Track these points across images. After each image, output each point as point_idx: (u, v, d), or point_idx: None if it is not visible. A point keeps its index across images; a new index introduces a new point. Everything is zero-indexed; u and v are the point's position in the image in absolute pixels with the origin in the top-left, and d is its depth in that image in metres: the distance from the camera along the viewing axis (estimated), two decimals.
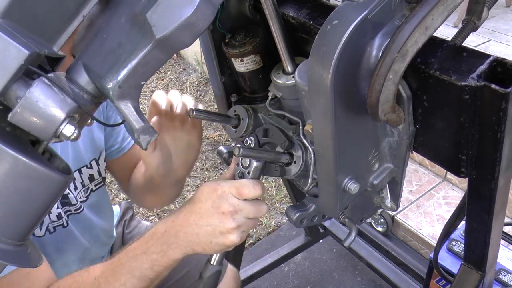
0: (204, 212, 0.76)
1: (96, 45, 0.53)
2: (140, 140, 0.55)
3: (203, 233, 0.76)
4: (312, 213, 0.80)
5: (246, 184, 0.75)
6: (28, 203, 0.51)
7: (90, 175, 1.10)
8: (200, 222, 0.76)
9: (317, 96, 0.57)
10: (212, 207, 0.75)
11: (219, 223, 0.75)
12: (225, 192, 0.75)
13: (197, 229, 0.76)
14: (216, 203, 0.75)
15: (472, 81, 0.53)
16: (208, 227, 0.75)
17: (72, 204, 1.07)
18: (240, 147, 0.71)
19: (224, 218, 0.74)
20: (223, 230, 0.75)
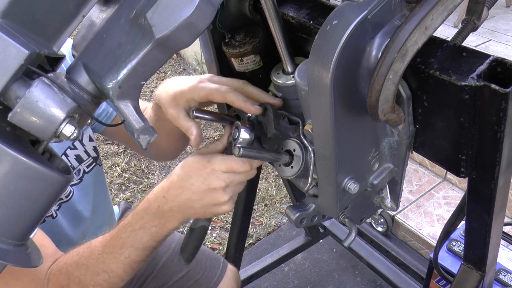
0: (196, 188, 0.78)
1: (96, 45, 0.53)
2: (140, 140, 0.55)
3: (197, 206, 0.79)
4: (312, 213, 0.80)
5: (235, 160, 0.77)
6: (28, 203, 0.51)
7: (76, 155, 1.09)
8: (193, 197, 0.79)
9: (317, 96, 0.57)
10: (203, 183, 0.77)
11: (211, 198, 0.78)
12: (214, 169, 0.77)
13: (191, 203, 0.79)
14: (207, 179, 0.77)
15: (472, 81, 0.53)
16: (201, 201, 0.79)
17: None
18: (240, 147, 0.71)
19: (216, 193, 0.77)
20: (216, 203, 0.79)
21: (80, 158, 1.11)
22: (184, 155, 2.89)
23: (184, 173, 0.79)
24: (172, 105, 0.84)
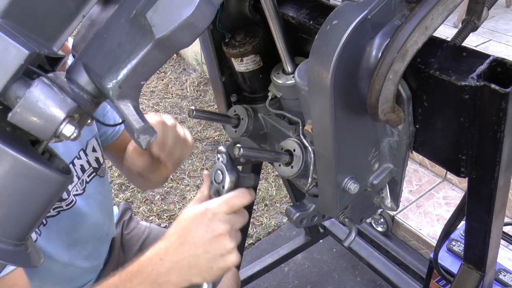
0: (199, 240, 0.70)
1: (96, 45, 0.53)
2: (140, 140, 0.55)
3: (202, 262, 0.71)
4: (312, 213, 0.80)
5: (234, 195, 0.73)
6: (28, 203, 0.51)
7: (81, 165, 1.10)
8: (197, 252, 0.70)
9: (317, 96, 0.57)
10: (206, 232, 0.70)
11: (218, 247, 0.70)
12: (215, 212, 0.71)
13: (195, 260, 0.71)
14: (210, 226, 0.70)
15: (472, 81, 0.53)
16: (207, 255, 0.71)
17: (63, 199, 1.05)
18: (240, 147, 0.71)
19: (223, 239, 0.70)
20: (223, 252, 0.71)
21: (83, 168, 1.11)
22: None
23: (182, 229, 0.72)
24: None
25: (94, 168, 1.15)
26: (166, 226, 2.48)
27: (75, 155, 1.08)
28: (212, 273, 0.72)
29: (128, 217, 1.41)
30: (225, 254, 0.71)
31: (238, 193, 0.74)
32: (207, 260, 0.71)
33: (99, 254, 1.23)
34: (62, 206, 1.06)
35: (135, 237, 1.36)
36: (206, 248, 0.71)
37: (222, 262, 0.71)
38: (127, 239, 1.35)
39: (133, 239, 1.35)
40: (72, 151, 1.07)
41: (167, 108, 3.50)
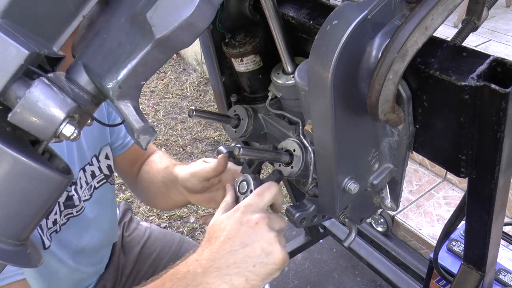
0: (234, 234, 0.64)
1: (96, 45, 0.53)
2: (140, 140, 0.55)
3: (241, 258, 0.63)
4: (312, 213, 0.80)
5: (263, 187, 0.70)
6: (28, 203, 0.51)
7: (91, 171, 1.10)
8: (234, 248, 0.63)
9: (317, 96, 0.57)
10: (241, 225, 0.64)
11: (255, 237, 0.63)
12: (249, 205, 0.67)
13: (232, 257, 0.63)
14: (244, 218, 0.65)
15: (472, 81, 0.53)
16: (245, 249, 0.63)
17: (75, 205, 1.05)
18: (240, 147, 0.71)
19: (260, 228, 0.63)
20: (264, 244, 0.63)
21: (93, 174, 1.11)
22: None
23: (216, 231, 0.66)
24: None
25: (106, 175, 1.15)
26: (166, 226, 2.48)
27: (88, 162, 1.08)
28: (255, 271, 0.63)
29: (128, 218, 1.40)
30: (266, 247, 0.63)
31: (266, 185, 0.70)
32: (246, 255, 0.63)
33: (102, 258, 1.23)
34: (72, 212, 1.06)
35: (136, 239, 1.35)
36: (243, 241, 0.63)
37: (264, 257, 0.63)
38: (128, 241, 1.35)
39: (134, 241, 1.35)
40: (86, 157, 1.08)
41: (167, 108, 3.50)
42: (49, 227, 1.00)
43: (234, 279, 0.62)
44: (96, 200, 1.12)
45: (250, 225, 0.64)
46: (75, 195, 1.05)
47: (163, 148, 3.08)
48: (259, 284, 0.64)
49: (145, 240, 1.35)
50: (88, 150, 1.08)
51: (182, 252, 1.35)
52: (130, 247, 1.33)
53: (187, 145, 3.11)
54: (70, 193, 1.03)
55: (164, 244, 1.35)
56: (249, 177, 0.77)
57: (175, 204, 1.13)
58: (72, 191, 1.04)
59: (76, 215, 1.07)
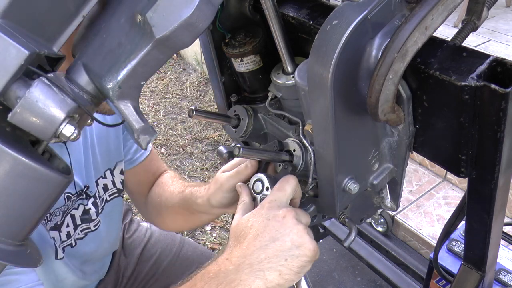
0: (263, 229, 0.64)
1: (96, 45, 0.53)
2: (140, 140, 0.55)
3: (272, 253, 0.62)
4: (312, 213, 0.80)
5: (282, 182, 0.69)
6: (28, 203, 0.51)
7: (104, 185, 1.08)
8: (264, 243, 0.63)
9: (317, 96, 0.57)
10: (269, 220, 0.64)
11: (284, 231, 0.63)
12: (273, 200, 0.67)
13: (263, 252, 0.62)
14: (271, 214, 0.65)
15: (472, 81, 0.53)
16: (276, 243, 0.63)
17: (92, 219, 1.04)
18: (240, 147, 0.71)
19: (287, 222, 0.64)
20: (294, 237, 0.63)
21: (106, 187, 1.09)
22: None
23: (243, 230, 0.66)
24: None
25: (118, 190, 1.13)
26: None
27: (101, 175, 1.07)
28: (287, 265, 0.62)
29: (128, 219, 1.40)
30: (296, 240, 0.63)
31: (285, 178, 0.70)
32: (277, 249, 0.62)
33: (104, 264, 1.23)
34: (90, 227, 1.05)
35: (137, 240, 1.35)
36: (273, 236, 0.63)
37: (295, 250, 0.63)
38: (129, 243, 1.34)
39: (135, 243, 1.35)
40: (99, 171, 1.06)
41: (167, 108, 3.50)
42: (62, 240, 0.98)
43: (268, 274, 0.62)
44: (107, 213, 1.11)
45: (278, 220, 0.64)
46: (92, 208, 1.03)
47: (163, 149, 3.08)
48: (293, 278, 0.64)
49: (146, 242, 1.35)
50: (102, 163, 1.07)
51: (183, 253, 1.35)
52: (131, 250, 1.33)
53: (187, 145, 3.11)
54: (86, 206, 1.02)
55: (165, 246, 1.35)
56: (262, 176, 0.76)
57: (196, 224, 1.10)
58: (89, 204, 1.03)
59: (93, 230, 1.06)
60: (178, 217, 1.11)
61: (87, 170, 1.01)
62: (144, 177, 1.20)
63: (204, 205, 0.96)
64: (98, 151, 1.04)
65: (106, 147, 1.07)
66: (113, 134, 1.07)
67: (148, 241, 1.35)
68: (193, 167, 2.92)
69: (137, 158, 1.17)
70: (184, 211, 1.06)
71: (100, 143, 1.04)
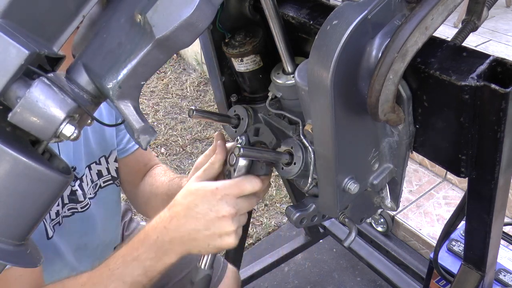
0: (202, 216, 0.74)
1: (96, 45, 0.53)
2: (140, 140, 0.55)
3: (201, 238, 0.75)
4: (312, 213, 0.80)
5: (247, 180, 0.75)
6: (28, 203, 0.51)
7: (98, 171, 1.11)
8: (198, 227, 0.74)
9: (317, 96, 0.57)
10: (210, 211, 0.73)
11: (218, 227, 0.74)
12: (225, 194, 0.74)
13: (195, 234, 0.75)
14: (216, 206, 0.73)
15: (472, 81, 0.53)
16: (206, 232, 0.74)
17: (79, 201, 1.06)
18: (240, 147, 0.71)
19: (224, 221, 0.73)
20: (222, 233, 0.74)
21: (100, 173, 1.12)
22: None
23: (189, 202, 0.76)
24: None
25: (113, 177, 1.15)
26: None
27: (95, 160, 1.09)
28: (207, 249, 0.76)
29: (128, 218, 1.41)
30: (223, 235, 0.75)
31: (251, 178, 0.76)
32: (205, 236, 0.75)
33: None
34: (77, 208, 1.07)
35: None
36: (207, 226, 0.74)
37: (219, 241, 0.75)
38: None
39: None
40: (93, 156, 1.09)
41: (167, 108, 3.50)
42: (52, 218, 1.01)
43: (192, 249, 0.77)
44: (100, 198, 1.13)
45: (218, 215, 0.73)
46: (79, 190, 1.05)
47: (163, 149, 3.08)
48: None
49: None
50: (97, 150, 1.09)
51: None
52: None
53: (187, 145, 3.11)
54: (73, 187, 1.04)
55: None
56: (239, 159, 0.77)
57: None
58: (76, 186, 1.05)
59: (81, 211, 1.08)
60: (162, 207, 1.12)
61: (75, 153, 1.03)
62: (136, 167, 1.22)
63: None
64: (93, 137, 1.07)
65: (102, 135, 1.09)
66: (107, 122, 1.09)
67: None
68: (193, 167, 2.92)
69: (129, 148, 1.19)
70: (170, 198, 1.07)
71: (94, 131, 1.07)
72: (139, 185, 1.22)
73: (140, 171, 1.23)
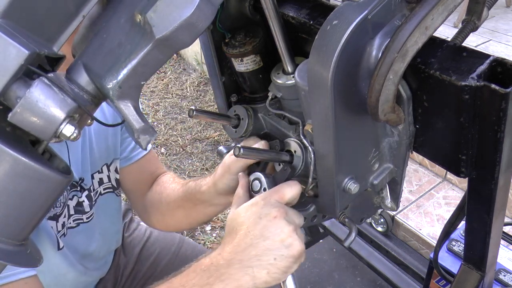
0: (254, 227, 0.66)
1: (96, 45, 0.53)
2: (140, 140, 0.55)
3: (262, 251, 0.65)
4: (312, 213, 0.80)
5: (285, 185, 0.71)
6: (28, 203, 0.51)
7: (100, 179, 1.10)
8: (255, 241, 0.65)
9: (317, 96, 0.57)
10: (260, 219, 0.66)
11: (276, 231, 0.65)
12: (267, 199, 0.69)
13: (254, 250, 0.65)
14: (263, 212, 0.67)
15: (472, 81, 0.53)
16: (266, 241, 0.65)
17: (85, 212, 1.06)
18: (240, 147, 0.71)
19: (278, 222, 0.66)
20: (283, 237, 0.65)
21: (101, 181, 1.11)
22: None
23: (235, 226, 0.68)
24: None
25: (113, 186, 1.14)
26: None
27: (98, 169, 1.09)
28: (276, 264, 0.65)
29: (128, 219, 1.40)
30: (285, 239, 0.65)
31: (288, 182, 0.71)
32: (266, 248, 0.65)
33: (106, 262, 1.24)
34: (82, 219, 1.07)
35: (136, 239, 1.36)
36: (263, 234, 0.65)
37: (283, 249, 0.65)
38: (128, 241, 1.35)
39: (134, 241, 1.35)
40: (96, 165, 1.08)
41: (167, 108, 3.50)
42: (58, 230, 1.00)
43: (256, 271, 0.64)
44: (99, 205, 1.12)
45: (269, 219, 0.66)
46: (86, 201, 1.05)
47: (163, 149, 3.08)
48: (280, 277, 0.66)
49: (145, 240, 1.35)
50: (100, 158, 1.08)
51: (182, 252, 1.35)
52: (131, 248, 1.34)
53: (187, 145, 3.11)
54: (80, 199, 1.04)
55: (164, 245, 1.35)
56: (260, 175, 0.76)
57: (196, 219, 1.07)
58: (83, 197, 1.04)
59: (86, 222, 1.07)
60: (179, 212, 1.09)
61: (83, 164, 1.02)
62: (141, 176, 1.20)
63: (209, 192, 0.95)
64: (96, 147, 1.06)
65: (105, 143, 1.08)
66: (111, 131, 1.09)
67: (148, 240, 1.35)
68: (193, 167, 2.92)
69: (133, 156, 1.18)
70: (186, 203, 1.05)
71: (98, 139, 1.06)
72: (146, 194, 1.20)
73: (146, 180, 1.21)
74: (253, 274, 0.64)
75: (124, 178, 1.18)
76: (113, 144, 1.11)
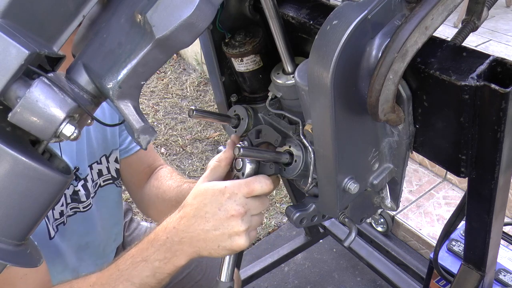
0: (211, 216, 0.73)
1: (96, 45, 0.53)
2: (140, 140, 0.55)
3: (210, 238, 0.73)
4: (312, 213, 0.80)
5: (256, 180, 0.74)
6: (28, 203, 0.51)
7: (99, 170, 1.11)
8: (207, 227, 0.73)
9: (317, 96, 0.57)
10: (219, 210, 0.72)
11: (227, 227, 0.72)
12: (234, 193, 0.73)
13: (204, 235, 0.73)
14: (224, 205, 0.72)
15: (472, 81, 0.53)
16: (216, 232, 0.73)
17: (81, 201, 1.06)
18: (240, 147, 0.71)
19: (233, 220, 0.72)
20: (232, 233, 0.73)
21: (100, 172, 1.12)
22: None
23: (198, 202, 0.75)
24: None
25: (113, 177, 1.15)
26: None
27: (96, 160, 1.10)
28: (217, 251, 0.74)
29: (129, 218, 1.41)
30: (233, 236, 0.73)
31: (261, 178, 0.75)
32: (215, 237, 0.73)
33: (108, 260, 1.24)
34: (79, 207, 1.07)
35: (136, 238, 1.36)
36: (216, 225, 0.72)
37: (229, 242, 0.73)
38: (128, 240, 1.35)
39: (134, 240, 1.35)
40: (95, 156, 1.09)
41: (167, 108, 3.50)
42: (55, 217, 1.01)
43: (201, 251, 0.75)
44: (100, 197, 1.13)
45: (227, 215, 0.72)
46: (81, 190, 1.06)
47: (163, 149, 3.08)
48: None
49: None
50: (98, 149, 1.09)
51: None
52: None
53: (187, 145, 3.11)
54: (76, 187, 1.05)
55: None
56: (245, 160, 0.77)
57: None
58: (78, 186, 1.05)
59: (83, 211, 1.08)
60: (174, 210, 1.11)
61: (78, 153, 1.03)
62: (139, 168, 1.22)
63: None
64: (95, 138, 1.07)
65: (103, 134, 1.09)
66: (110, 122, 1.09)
67: None
68: (193, 167, 2.92)
69: (132, 148, 1.19)
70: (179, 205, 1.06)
71: (96, 130, 1.08)
72: (144, 186, 1.22)
73: (144, 171, 1.22)
74: (199, 252, 0.75)
75: (124, 169, 1.19)
76: (112, 135, 1.12)
